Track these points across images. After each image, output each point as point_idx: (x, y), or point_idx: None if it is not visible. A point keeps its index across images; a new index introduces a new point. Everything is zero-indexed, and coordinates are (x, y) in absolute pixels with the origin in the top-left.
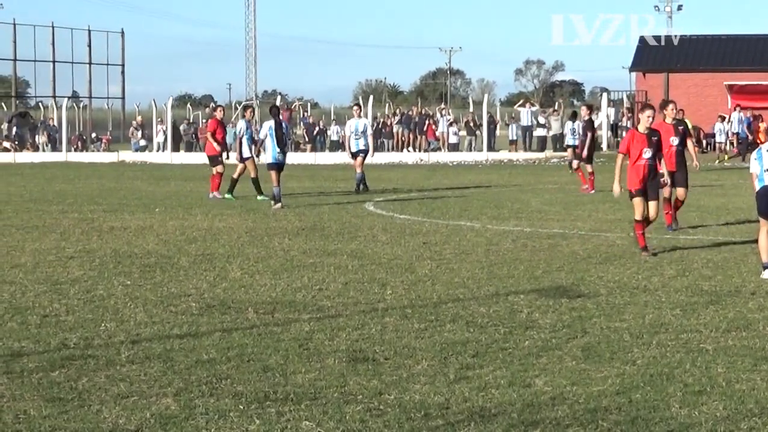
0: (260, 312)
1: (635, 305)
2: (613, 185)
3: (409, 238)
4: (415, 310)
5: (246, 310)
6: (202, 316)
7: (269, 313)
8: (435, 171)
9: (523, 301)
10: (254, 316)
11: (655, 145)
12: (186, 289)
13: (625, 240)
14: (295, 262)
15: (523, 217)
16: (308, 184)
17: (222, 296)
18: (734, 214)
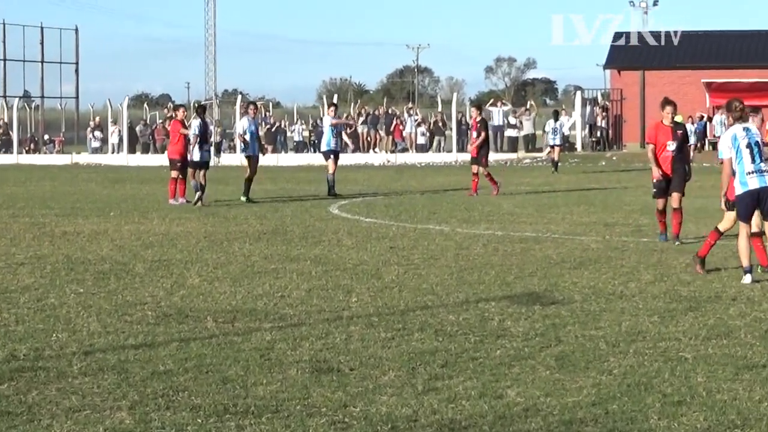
0: (219, 321)
1: (611, 312)
2: (653, 170)
3: (375, 242)
4: (382, 318)
5: (205, 319)
6: (159, 326)
7: (229, 322)
8: (402, 173)
9: (494, 309)
10: (213, 325)
11: (680, 138)
12: (142, 297)
13: (601, 243)
14: (256, 268)
15: (494, 220)
16: (270, 186)
17: (179, 304)
18: (714, 216)
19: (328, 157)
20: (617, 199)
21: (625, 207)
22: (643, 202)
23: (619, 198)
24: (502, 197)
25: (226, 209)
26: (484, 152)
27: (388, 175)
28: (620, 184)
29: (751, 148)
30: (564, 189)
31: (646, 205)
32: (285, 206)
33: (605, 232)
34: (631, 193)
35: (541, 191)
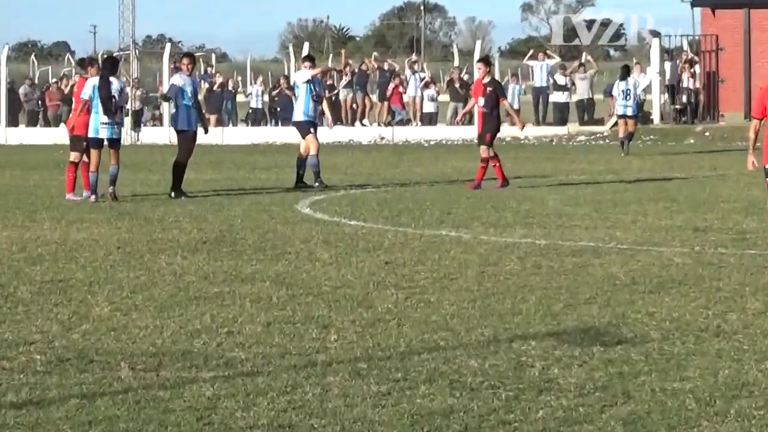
0: (139, 368)
1: (703, 356)
2: (747, 157)
3: (363, 255)
4: (373, 364)
5: (117, 366)
6: (52, 375)
7: (152, 370)
8: (403, 154)
9: (535, 351)
10: (130, 374)
11: None
12: (26, 333)
13: (688, 257)
14: (192, 292)
15: (534, 224)
16: (213, 174)
17: (81, 344)
18: None
19: (307, 132)
20: (711, 193)
21: (723, 205)
22: (748, 198)
23: (715, 192)
24: (546, 191)
25: (149, 207)
26: (490, 127)
27: (383, 157)
28: (716, 172)
29: None
30: (635, 179)
31: (753, 201)
32: (234, 203)
33: (694, 240)
34: (732, 184)
35: (603, 181)
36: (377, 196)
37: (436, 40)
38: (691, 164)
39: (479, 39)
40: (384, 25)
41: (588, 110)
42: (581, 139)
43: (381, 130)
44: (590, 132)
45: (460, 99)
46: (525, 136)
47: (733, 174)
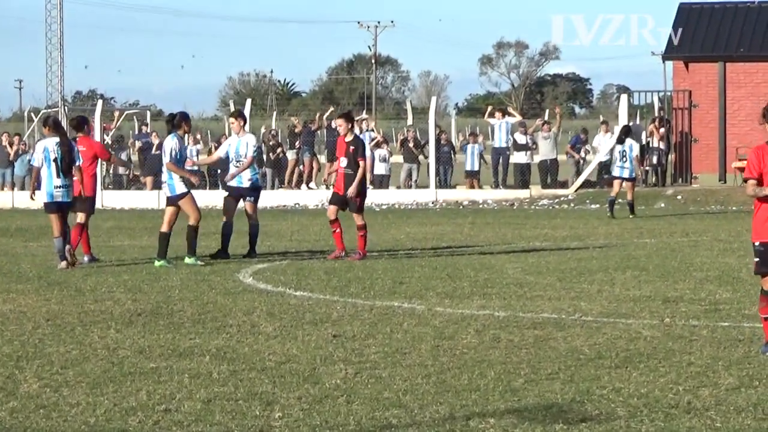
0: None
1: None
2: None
3: (310, 328)
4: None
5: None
6: None
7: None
8: (353, 219)
9: (493, 429)
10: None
11: None
12: None
13: (657, 330)
14: (127, 367)
15: (494, 295)
16: (147, 241)
17: (9, 422)
18: None
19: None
20: (683, 261)
21: (695, 273)
22: (722, 266)
23: (687, 259)
24: (506, 259)
25: (80, 277)
26: (360, 189)
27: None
28: (688, 238)
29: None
30: (602, 245)
31: (727, 270)
32: (171, 272)
33: (664, 312)
34: (705, 251)
35: (567, 248)
36: (325, 264)
37: (388, 97)
38: (661, 230)
39: (434, 95)
40: (332, 80)
41: (551, 172)
42: (544, 202)
43: (328, 193)
44: (554, 195)
45: (414, 160)
46: (484, 199)
47: (706, 240)
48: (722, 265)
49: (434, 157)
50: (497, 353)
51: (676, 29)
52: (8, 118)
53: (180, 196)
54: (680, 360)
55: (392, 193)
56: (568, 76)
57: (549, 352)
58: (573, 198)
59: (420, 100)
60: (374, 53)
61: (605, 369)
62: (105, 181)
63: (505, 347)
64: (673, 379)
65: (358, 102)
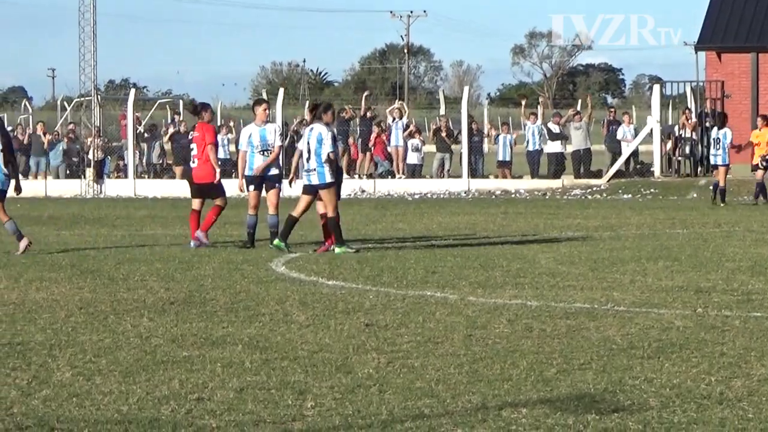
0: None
1: (706, 425)
2: None
3: (342, 317)
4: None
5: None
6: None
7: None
8: (385, 209)
9: (525, 419)
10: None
11: None
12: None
13: (690, 320)
14: (160, 356)
15: (526, 284)
16: (179, 230)
17: (42, 411)
18: None
19: (257, 187)
20: (715, 251)
21: (728, 264)
22: (754, 256)
23: (719, 250)
24: (538, 249)
25: (113, 265)
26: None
27: (364, 212)
28: (720, 228)
29: None
30: (634, 234)
31: (760, 260)
32: (204, 261)
33: (697, 302)
34: (737, 242)
35: (599, 238)
36: (357, 253)
37: (421, 86)
38: (694, 220)
39: (467, 85)
40: (364, 70)
41: (584, 162)
42: (576, 192)
43: (362, 182)
44: (586, 185)
45: (447, 149)
46: (516, 189)
47: (738, 231)
48: (755, 255)
49: (467, 146)
50: (529, 343)
51: (709, 19)
52: (41, 107)
53: (328, 185)
54: (712, 350)
55: (425, 182)
56: (600, 66)
57: (581, 342)
58: (606, 188)
59: (452, 89)
60: (407, 43)
61: (638, 359)
62: (138, 169)
63: (537, 337)
64: (706, 370)
65: (391, 91)
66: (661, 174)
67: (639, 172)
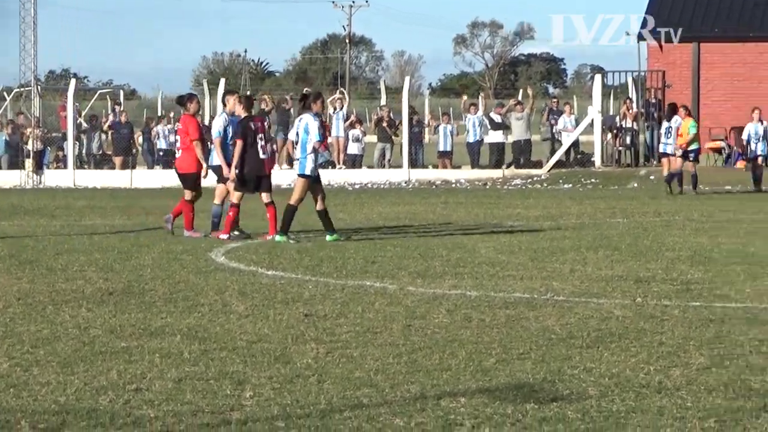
0: (41, 427)
1: (644, 414)
2: None
3: (281, 307)
4: (292, 422)
5: (18, 425)
6: None
7: (55, 429)
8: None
9: (464, 408)
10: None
11: None
12: None
13: (629, 309)
14: (98, 346)
15: (466, 274)
16: (119, 220)
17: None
18: None
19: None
20: (655, 240)
21: (667, 253)
22: (694, 246)
23: (659, 239)
24: (478, 238)
25: (51, 256)
26: (247, 166)
27: (304, 202)
28: (660, 218)
29: None
30: (574, 224)
31: (699, 250)
32: (143, 251)
33: (636, 292)
34: (677, 231)
35: (540, 228)
36: (297, 244)
37: (362, 76)
38: (634, 209)
39: (408, 75)
40: (306, 60)
41: (525, 152)
42: (517, 182)
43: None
44: (527, 175)
45: (388, 139)
46: (456, 179)
47: (678, 220)
48: (694, 244)
49: (407, 137)
50: (468, 333)
51: (651, 10)
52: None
53: (305, 176)
54: (651, 340)
55: (365, 172)
56: (542, 56)
57: (520, 332)
58: (546, 178)
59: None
60: (348, 33)
61: (576, 349)
62: (78, 160)
63: (476, 327)
64: (644, 359)
65: (332, 82)
66: (601, 164)
67: (580, 162)
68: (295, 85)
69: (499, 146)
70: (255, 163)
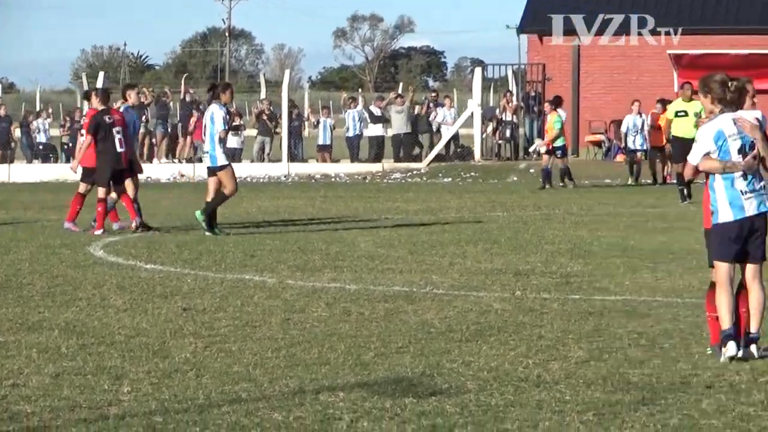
0: None
1: (523, 407)
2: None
3: (160, 301)
4: (170, 417)
5: None
6: None
7: None
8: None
9: (343, 403)
10: None
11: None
12: None
13: (509, 303)
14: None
15: (345, 268)
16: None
17: None
18: (681, 259)
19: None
20: (535, 234)
21: (547, 246)
22: (573, 239)
23: (538, 233)
24: (358, 232)
25: None
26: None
27: (183, 196)
28: (540, 211)
29: (745, 152)
30: (453, 218)
31: (579, 243)
32: (21, 246)
33: (516, 285)
34: (556, 225)
35: (419, 222)
36: (176, 238)
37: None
38: (513, 203)
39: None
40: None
41: (405, 145)
42: (397, 176)
43: (181, 166)
44: (406, 169)
45: (267, 133)
46: (336, 173)
47: (558, 214)
48: (574, 238)
49: (287, 130)
50: (348, 326)
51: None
52: None
53: (221, 167)
54: (531, 333)
55: (245, 166)
56: (423, 49)
57: (399, 326)
58: (425, 172)
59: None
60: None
61: (456, 342)
62: None
63: (355, 320)
64: (524, 353)
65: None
66: (481, 157)
67: (459, 156)
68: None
69: (378, 140)
70: (112, 156)
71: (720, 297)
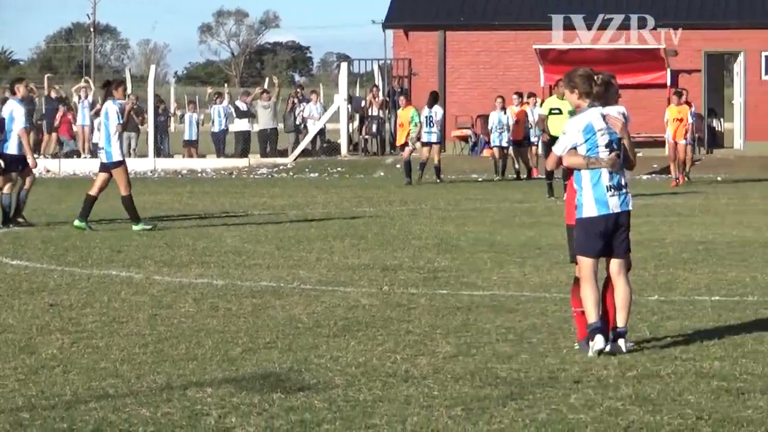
0: None
1: (391, 403)
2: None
3: (26, 297)
4: (37, 413)
5: None
6: None
7: None
8: (70, 189)
9: (211, 398)
10: None
11: None
12: None
13: (376, 298)
14: None
15: (212, 263)
16: None
17: None
18: (548, 254)
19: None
20: (402, 229)
21: (414, 241)
22: (440, 234)
23: (405, 228)
24: (224, 228)
25: None
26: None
27: (49, 192)
28: (406, 207)
29: (613, 148)
30: (320, 213)
31: (446, 238)
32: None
33: (383, 280)
34: (423, 220)
35: (286, 218)
36: (42, 234)
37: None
38: (380, 198)
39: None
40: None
41: (271, 140)
42: (263, 171)
43: (47, 162)
44: (273, 164)
45: (133, 128)
46: (202, 168)
47: (425, 209)
48: (441, 233)
49: (153, 125)
50: (215, 322)
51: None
52: None
53: (115, 164)
54: (398, 328)
55: None
56: (288, 44)
57: (267, 321)
58: (292, 167)
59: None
60: (93, 21)
61: (323, 337)
62: None
63: (223, 316)
64: (391, 348)
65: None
66: (347, 152)
67: (326, 151)
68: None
69: (245, 135)
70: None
71: (585, 291)
